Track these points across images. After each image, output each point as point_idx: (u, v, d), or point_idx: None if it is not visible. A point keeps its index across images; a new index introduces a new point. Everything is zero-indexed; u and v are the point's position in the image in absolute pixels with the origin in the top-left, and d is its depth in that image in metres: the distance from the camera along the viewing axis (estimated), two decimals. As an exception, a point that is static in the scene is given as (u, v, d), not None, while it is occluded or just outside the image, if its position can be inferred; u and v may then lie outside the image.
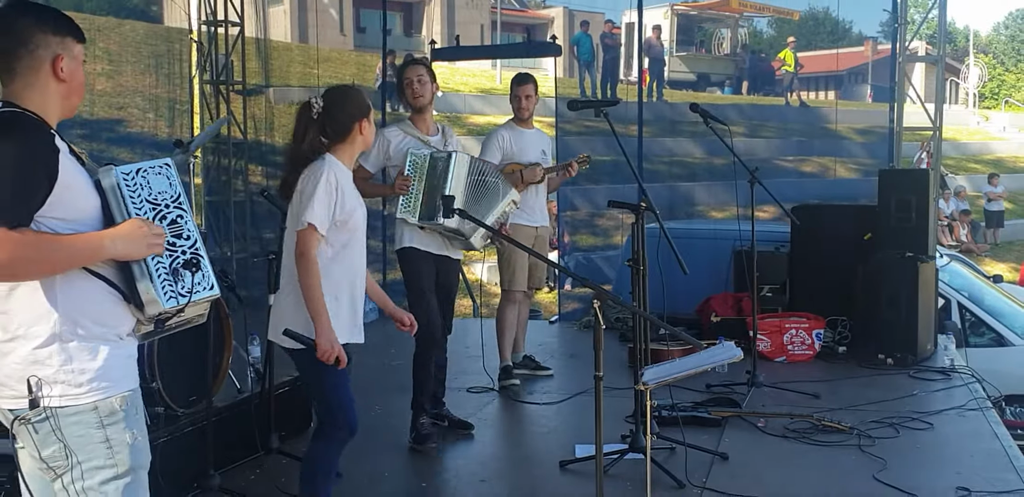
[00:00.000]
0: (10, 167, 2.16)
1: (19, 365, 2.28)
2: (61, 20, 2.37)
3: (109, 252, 2.29)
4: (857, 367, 6.55)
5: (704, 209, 13.77)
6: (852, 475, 4.47)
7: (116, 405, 2.34)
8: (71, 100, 2.41)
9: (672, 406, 5.15)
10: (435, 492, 4.49)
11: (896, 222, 6.75)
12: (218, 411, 4.38)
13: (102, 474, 2.34)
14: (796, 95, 18.28)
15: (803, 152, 15.89)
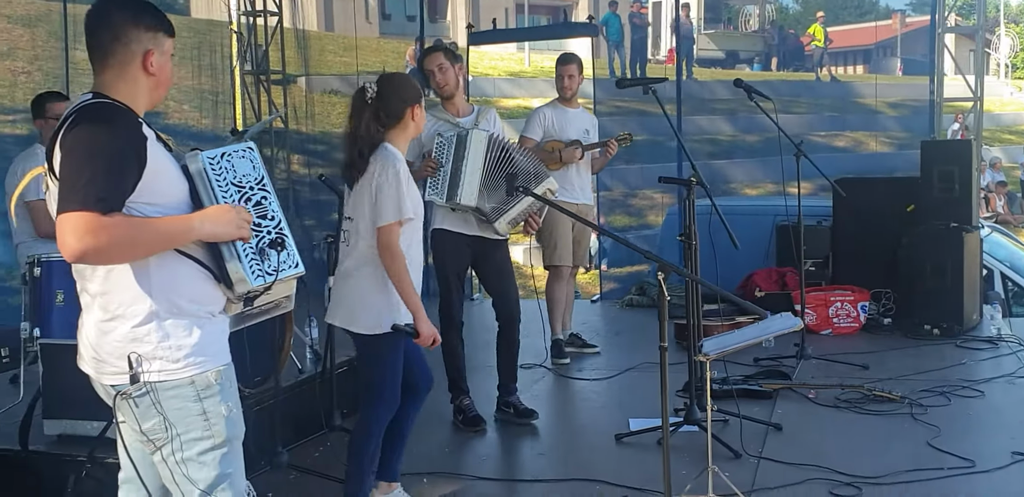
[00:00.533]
0: (103, 155, 2.25)
1: (120, 343, 2.38)
2: (155, 16, 2.45)
3: (197, 234, 2.37)
4: (903, 338, 6.59)
5: (737, 186, 13.79)
6: (907, 442, 4.52)
7: (212, 379, 2.44)
8: (158, 92, 2.50)
9: (723, 380, 5.22)
10: (495, 465, 4.58)
11: (939, 193, 6.76)
12: (283, 390, 4.48)
13: (200, 445, 2.44)
14: (827, 70, 18.20)
15: (835, 127, 15.88)
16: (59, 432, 3.94)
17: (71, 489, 3.72)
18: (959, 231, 6.56)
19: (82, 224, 2.18)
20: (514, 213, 4.85)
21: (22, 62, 8.40)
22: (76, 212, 2.18)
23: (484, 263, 5.06)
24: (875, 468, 4.15)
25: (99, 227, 2.19)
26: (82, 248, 2.19)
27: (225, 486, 2.48)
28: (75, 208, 2.19)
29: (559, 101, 6.20)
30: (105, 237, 2.21)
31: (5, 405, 4.33)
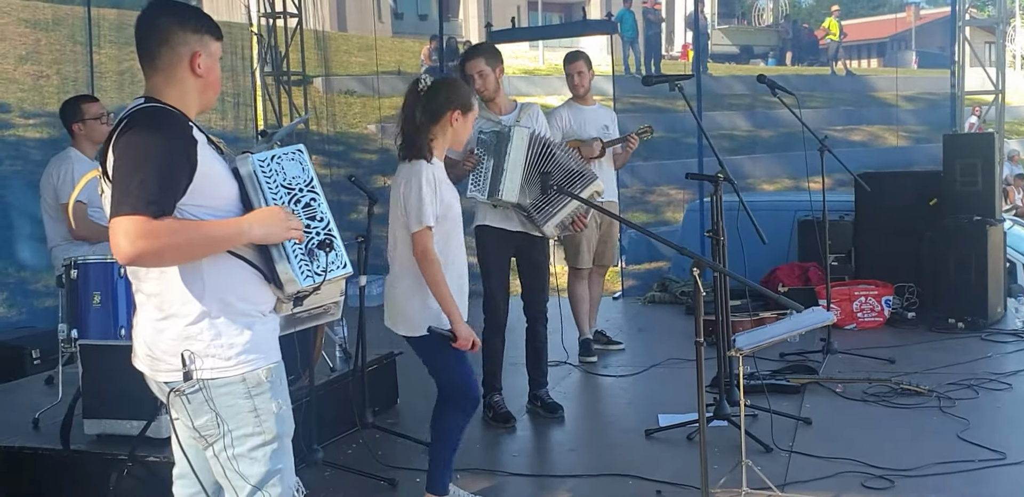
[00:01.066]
0: (155, 159, 2.29)
1: (173, 341, 2.43)
2: (201, 18, 2.50)
3: (248, 236, 2.41)
4: (928, 332, 6.61)
5: (755, 181, 13.75)
6: (937, 435, 4.55)
7: (262, 376, 2.48)
8: (207, 94, 2.54)
9: (750, 375, 5.25)
10: (527, 461, 4.61)
11: (962, 186, 6.78)
12: (317, 389, 4.54)
13: (251, 441, 2.49)
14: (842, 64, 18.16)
15: (852, 121, 15.82)
16: (99, 432, 4.00)
17: (113, 488, 3.77)
18: (982, 224, 6.57)
19: (134, 228, 2.23)
20: (562, 215, 4.84)
21: (43, 66, 8.46)
22: (128, 216, 2.23)
23: (522, 259, 5.09)
24: (906, 461, 4.18)
25: (151, 231, 2.24)
26: (135, 251, 2.24)
27: (275, 481, 2.53)
28: (127, 212, 2.23)
29: (574, 100, 6.21)
30: (156, 240, 2.25)
31: (44, 405, 4.38)
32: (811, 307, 3.76)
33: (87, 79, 8.24)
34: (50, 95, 8.34)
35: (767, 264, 7.58)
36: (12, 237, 7.39)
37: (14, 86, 8.38)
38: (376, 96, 12.05)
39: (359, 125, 12.15)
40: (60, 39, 8.51)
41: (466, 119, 3.68)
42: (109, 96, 8.70)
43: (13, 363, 6.13)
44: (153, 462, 3.75)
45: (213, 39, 2.52)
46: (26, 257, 7.33)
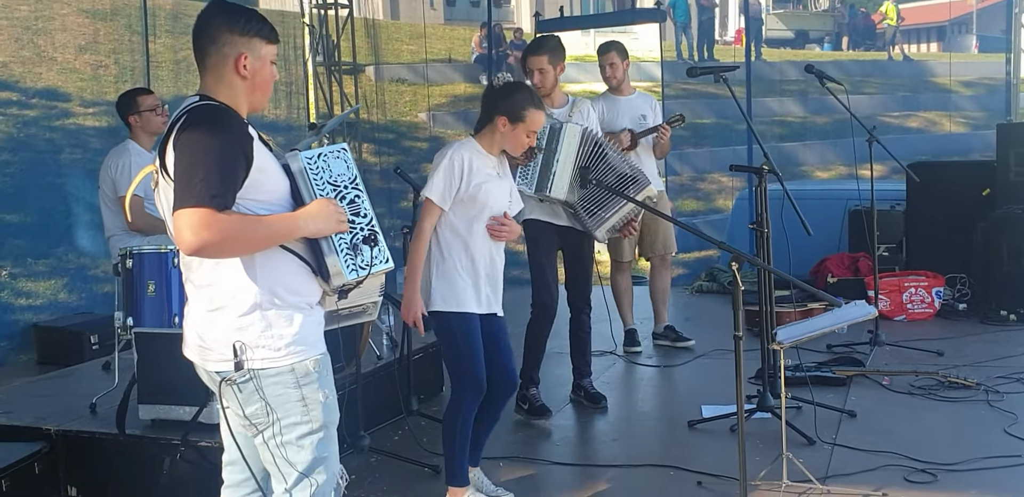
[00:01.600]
0: (215, 154, 2.37)
1: (225, 332, 2.51)
2: (251, 22, 2.55)
3: (303, 231, 2.49)
4: (979, 324, 6.55)
5: (808, 169, 13.63)
6: (983, 429, 4.53)
7: (310, 367, 2.56)
8: (255, 95, 2.60)
9: (796, 367, 5.25)
10: (570, 451, 4.66)
11: (1016, 176, 6.70)
12: (364, 376, 4.62)
13: (298, 430, 2.57)
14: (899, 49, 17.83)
15: (908, 107, 15.55)
16: (153, 417, 4.12)
17: (166, 471, 3.90)
18: (1036, 215, 6.48)
19: (198, 219, 2.31)
20: (613, 220, 4.88)
21: (101, 56, 8.63)
22: (192, 208, 2.31)
23: (569, 251, 5.12)
24: (950, 455, 4.17)
25: (214, 222, 2.32)
26: (199, 242, 2.32)
27: (321, 469, 2.60)
28: (191, 204, 2.32)
29: (609, 91, 6.11)
30: (219, 232, 2.33)
31: (101, 390, 4.52)
32: (853, 301, 3.75)
33: (144, 68, 8.41)
34: (108, 84, 8.53)
35: (818, 254, 7.54)
36: (72, 224, 7.58)
37: (74, 75, 8.56)
38: (426, 84, 12.14)
39: (410, 113, 12.24)
40: (118, 29, 8.66)
41: (514, 128, 3.71)
42: (165, 85, 8.88)
43: (73, 348, 6.35)
44: (204, 447, 3.86)
45: (264, 42, 2.58)
46: (85, 244, 7.53)
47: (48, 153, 8.08)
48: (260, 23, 2.58)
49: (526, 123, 3.70)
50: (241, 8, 2.60)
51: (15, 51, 8.25)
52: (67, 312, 7.28)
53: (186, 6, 10.33)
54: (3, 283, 7.29)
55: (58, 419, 4.28)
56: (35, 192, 7.63)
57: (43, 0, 9.12)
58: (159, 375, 4.03)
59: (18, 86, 8.33)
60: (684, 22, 16.15)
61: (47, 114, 8.33)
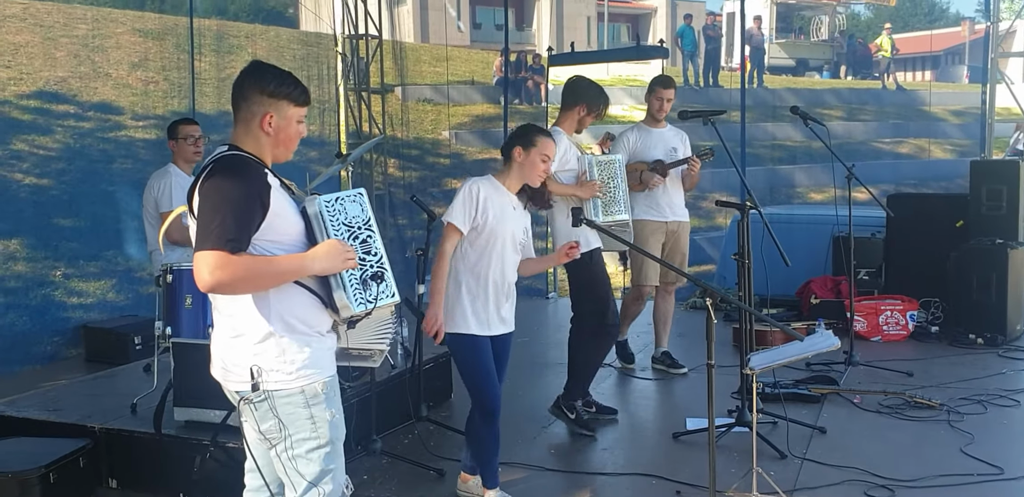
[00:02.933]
0: (233, 202, 2.52)
1: (243, 356, 2.67)
2: (282, 85, 2.68)
3: (310, 270, 2.63)
4: (949, 346, 6.63)
5: (803, 190, 13.68)
6: (942, 448, 4.62)
7: (319, 389, 2.70)
8: (279, 149, 2.74)
9: (775, 384, 5.36)
10: (562, 458, 4.77)
11: (987, 210, 6.78)
12: (378, 385, 4.77)
13: (308, 444, 2.71)
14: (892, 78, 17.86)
15: (899, 134, 15.58)
16: (187, 418, 4.28)
17: (197, 469, 4.05)
18: (1004, 247, 6.57)
19: (214, 261, 2.47)
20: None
21: (152, 72, 8.79)
22: (209, 251, 2.47)
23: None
24: (910, 472, 4.27)
25: (228, 264, 2.47)
26: (213, 281, 2.48)
27: (328, 479, 2.75)
28: (208, 247, 2.48)
29: (646, 122, 6.05)
30: (232, 273, 2.48)
31: (141, 391, 4.69)
32: (821, 330, 3.86)
33: (190, 85, 8.57)
34: (158, 100, 8.72)
35: (804, 275, 7.64)
36: (122, 229, 7.77)
37: (127, 91, 8.74)
38: (449, 104, 12.28)
39: (434, 131, 12.39)
40: (168, 48, 8.81)
41: (528, 154, 3.89)
42: (209, 101, 9.06)
43: (119, 348, 6.55)
44: (232, 448, 4.01)
45: (291, 104, 2.70)
46: (132, 248, 7.70)
47: (101, 163, 8.27)
48: (291, 87, 2.70)
49: (538, 147, 3.88)
50: (275, 71, 2.73)
51: (74, 67, 8.44)
52: (115, 311, 7.47)
53: (230, 27, 10.51)
54: (57, 283, 7.48)
55: (102, 417, 4.45)
56: (88, 199, 7.83)
57: (100, 20, 9.32)
58: (193, 381, 4.18)
59: (75, 100, 8.51)
60: (691, 51, 16.30)
61: (101, 126, 8.51)
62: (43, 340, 7.01)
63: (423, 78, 12.44)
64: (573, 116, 5.17)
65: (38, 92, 8.26)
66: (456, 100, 12.90)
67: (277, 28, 11.72)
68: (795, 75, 20.72)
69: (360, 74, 9.82)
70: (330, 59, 10.12)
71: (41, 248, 7.42)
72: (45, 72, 8.40)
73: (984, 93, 7.38)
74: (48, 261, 7.44)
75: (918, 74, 23.67)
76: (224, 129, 9.12)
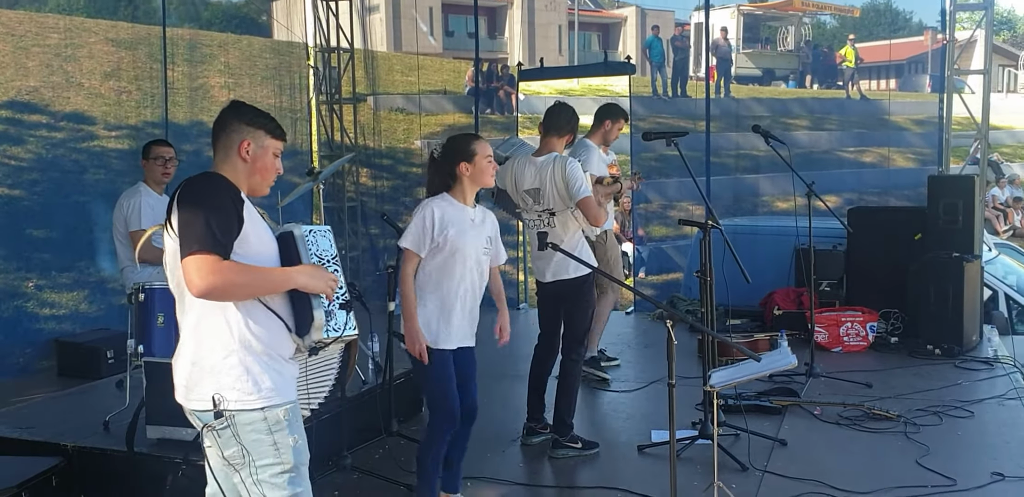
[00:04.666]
0: (214, 207, 2.57)
1: (206, 373, 2.70)
2: (259, 118, 2.80)
3: (296, 282, 2.68)
4: (907, 357, 6.75)
5: (769, 199, 13.83)
6: (897, 460, 4.72)
7: (280, 415, 2.73)
8: (254, 178, 2.80)
9: (737, 396, 5.45)
10: (532, 472, 4.83)
11: (944, 224, 6.91)
12: (349, 400, 4.81)
13: (272, 469, 2.75)
14: (856, 88, 18.06)
15: (863, 143, 15.77)
16: (159, 436, 4.30)
17: (169, 486, 4.07)
18: (960, 261, 6.70)
19: (206, 265, 2.49)
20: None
21: (124, 82, 8.75)
22: (199, 254, 2.50)
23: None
24: (866, 484, 4.37)
25: (220, 269, 2.51)
26: (206, 286, 2.50)
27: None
28: (197, 250, 2.50)
29: (596, 142, 6.20)
30: (224, 278, 2.52)
31: (114, 408, 4.70)
32: (780, 348, 3.96)
33: (162, 95, 8.55)
34: (131, 109, 8.68)
35: (768, 287, 7.74)
36: (94, 240, 7.73)
37: (100, 100, 8.70)
38: (421, 113, 12.31)
39: (406, 141, 12.41)
40: (140, 57, 8.78)
41: (473, 164, 3.94)
42: (182, 110, 9.05)
43: (91, 361, 6.53)
44: (203, 466, 4.01)
45: (268, 135, 2.80)
46: (104, 260, 7.67)
47: (73, 173, 8.23)
48: (268, 120, 2.81)
49: (479, 153, 3.95)
50: (254, 108, 2.83)
51: (46, 76, 8.39)
52: (87, 322, 7.43)
53: (203, 36, 10.47)
54: (29, 294, 7.44)
55: (75, 435, 4.46)
56: (60, 209, 7.79)
57: (72, 29, 9.27)
58: (165, 399, 4.12)
59: (48, 109, 8.46)
60: (659, 62, 16.38)
61: (74, 136, 8.46)
62: (15, 352, 6.98)
63: (395, 87, 12.45)
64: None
65: (9, 102, 8.19)
66: (428, 110, 12.92)
67: (250, 37, 11.68)
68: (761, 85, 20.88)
69: (331, 86, 9.83)
70: (302, 69, 10.12)
71: (13, 259, 7.37)
72: (17, 82, 8.35)
73: (941, 108, 7.51)
74: (20, 272, 7.40)
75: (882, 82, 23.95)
76: (196, 139, 9.16)
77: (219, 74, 10.05)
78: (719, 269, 5.06)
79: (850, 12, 23.12)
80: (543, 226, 4.91)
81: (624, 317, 8.76)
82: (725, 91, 16.38)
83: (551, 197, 4.83)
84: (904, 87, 23.32)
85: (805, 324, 6.78)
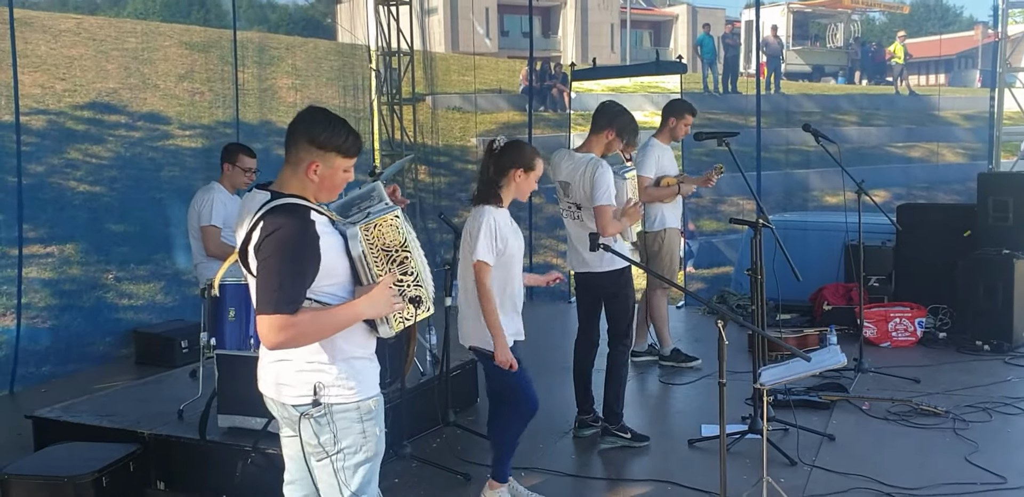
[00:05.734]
0: (291, 263, 2.53)
1: (303, 372, 2.70)
2: (333, 138, 2.64)
3: (364, 316, 2.67)
4: (956, 352, 6.58)
5: (819, 194, 13.63)
6: (947, 456, 4.60)
7: (371, 405, 2.76)
8: (321, 194, 2.72)
9: (786, 391, 5.36)
10: (582, 463, 4.81)
11: (994, 221, 6.72)
12: (408, 391, 4.83)
13: (357, 458, 2.76)
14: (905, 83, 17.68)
15: (911, 138, 15.47)
16: (230, 425, 4.34)
17: (239, 473, 4.12)
18: (1010, 258, 6.50)
19: (277, 324, 2.51)
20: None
21: (198, 83, 8.89)
22: (271, 315, 2.51)
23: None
24: (915, 480, 4.26)
25: (289, 325, 2.52)
26: (278, 341, 2.54)
27: (369, 491, 2.81)
28: (270, 311, 2.51)
29: (663, 140, 6.21)
30: (296, 332, 2.54)
31: (188, 397, 4.77)
32: (830, 348, 3.88)
33: (233, 95, 8.64)
34: (203, 110, 8.82)
35: (818, 282, 7.58)
36: (170, 234, 7.85)
37: (174, 101, 8.85)
38: (477, 112, 12.33)
39: (463, 138, 12.46)
40: (212, 60, 8.90)
41: (528, 177, 3.91)
42: (252, 110, 9.16)
43: (167, 352, 6.65)
44: (272, 454, 4.05)
45: (339, 155, 2.67)
46: (179, 253, 7.80)
47: (150, 171, 8.39)
48: (341, 138, 2.66)
49: (536, 170, 3.91)
50: (329, 120, 2.68)
51: (124, 78, 8.57)
52: (163, 312, 7.57)
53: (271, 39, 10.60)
54: (109, 286, 7.61)
55: (151, 423, 4.53)
56: (138, 205, 7.95)
57: (149, 33, 9.46)
58: (236, 390, 4.25)
59: (126, 110, 8.64)
60: (710, 59, 16.22)
61: (150, 135, 8.63)
62: (96, 341, 7.13)
63: (452, 87, 12.50)
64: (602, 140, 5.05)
65: (91, 103, 8.39)
66: (484, 108, 12.96)
67: (315, 40, 11.81)
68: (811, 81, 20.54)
69: (392, 88, 9.88)
70: (364, 70, 10.19)
71: (94, 252, 7.55)
72: (97, 84, 8.54)
73: (992, 104, 7.29)
74: (101, 265, 7.57)
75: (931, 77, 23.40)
76: (265, 138, 9.26)
77: (286, 75, 10.17)
78: (769, 265, 4.98)
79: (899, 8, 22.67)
80: (573, 218, 4.91)
81: (675, 311, 8.65)
82: (775, 87, 16.19)
83: (578, 193, 4.81)
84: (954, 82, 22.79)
85: (854, 319, 6.65)
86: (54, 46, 8.84)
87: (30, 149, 7.18)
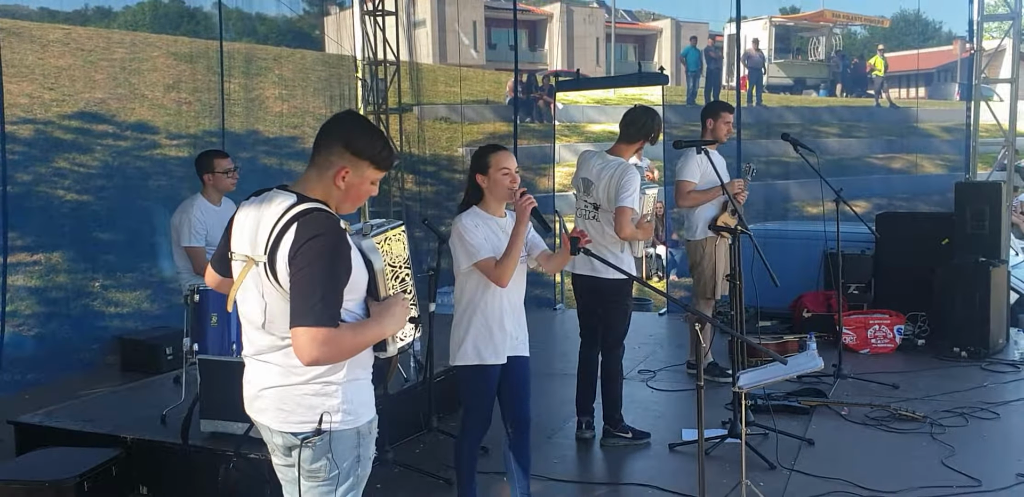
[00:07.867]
0: (331, 273, 2.39)
1: (314, 398, 2.55)
2: (369, 148, 2.50)
3: (388, 333, 2.56)
4: (934, 359, 6.60)
5: (800, 204, 13.67)
6: (924, 460, 4.62)
7: (367, 429, 2.65)
8: (345, 204, 2.57)
9: (766, 396, 5.37)
10: (564, 468, 4.79)
11: (971, 230, 6.77)
12: (391, 397, 4.81)
13: (348, 483, 2.63)
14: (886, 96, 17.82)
15: (892, 150, 15.55)
16: (212, 430, 4.32)
17: (221, 478, 4.09)
18: (987, 265, 6.55)
19: (319, 338, 2.34)
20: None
21: (185, 93, 8.86)
22: (312, 328, 2.34)
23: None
24: (892, 483, 4.28)
25: (331, 339, 2.36)
26: (317, 356, 2.37)
27: None
28: (311, 324, 2.34)
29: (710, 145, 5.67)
30: (337, 348, 2.38)
31: (171, 403, 4.74)
32: (808, 351, 3.89)
33: (220, 105, 8.62)
34: (190, 119, 8.79)
35: (797, 290, 7.60)
36: (157, 243, 7.80)
37: (162, 111, 8.82)
38: (463, 122, 12.34)
39: (449, 148, 12.46)
40: (200, 70, 8.86)
41: (488, 176, 3.73)
42: (239, 120, 9.15)
43: (152, 358, 6.62)
44: (254, 459, 4.03)
45: (371, 167, 2.52)
46: (165, 262, 7.75)
47: (137, 179, 8.35)
48: (379, 148, 2.53)
49: (492, 165, 3.71)
50: (368, 128, 2.58)
51: (112, 88, 8.54)
52: (149, 320, 7.53)
53: (258, 50, 10.59)
54: (96, 293, 7.56)
55: (134, 428, 4.50)
56: (125, 213, 7.90)
57: (137, 44, 9.44)
58: (218, 394, 4.24)
59: (114, 120, 8.61)
60: (695, 71, 16.33)
61: (138, 145, 8.59)
62: (82, 348, 7.09)
63: (439, 98, 12.51)
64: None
65: (79, 113, 8.36)
66: (470, 118, 12.95)
67: (303, 51, 11.79)
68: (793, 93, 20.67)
69: (379, 96, 9.89)
70: (351, 80, 10.19)
71: (81, 260, 7.50)
72: (86, 93, 8.51)
73: (968, 116, 7.36)
74: (87, 273, 7.53)
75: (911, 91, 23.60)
76: (252, 147, 9.25)
77: (273, 86, 10.17)
78: (749, 272, 5.01)
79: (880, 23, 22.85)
80: (588, 218, 4.88)
81: (657, 318, 8.69)
82: (757, 100, 16.29)
83: (599, 194, 4.79)
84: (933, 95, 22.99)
85: (833, 326, 6.67)
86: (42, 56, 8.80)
87: (17, 158, 7.14)
